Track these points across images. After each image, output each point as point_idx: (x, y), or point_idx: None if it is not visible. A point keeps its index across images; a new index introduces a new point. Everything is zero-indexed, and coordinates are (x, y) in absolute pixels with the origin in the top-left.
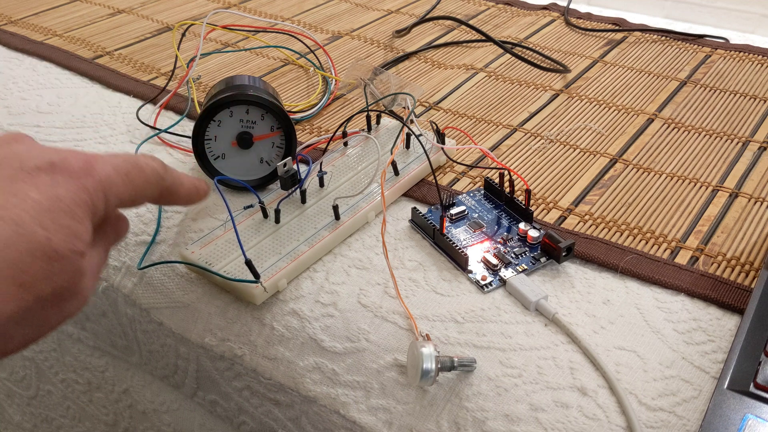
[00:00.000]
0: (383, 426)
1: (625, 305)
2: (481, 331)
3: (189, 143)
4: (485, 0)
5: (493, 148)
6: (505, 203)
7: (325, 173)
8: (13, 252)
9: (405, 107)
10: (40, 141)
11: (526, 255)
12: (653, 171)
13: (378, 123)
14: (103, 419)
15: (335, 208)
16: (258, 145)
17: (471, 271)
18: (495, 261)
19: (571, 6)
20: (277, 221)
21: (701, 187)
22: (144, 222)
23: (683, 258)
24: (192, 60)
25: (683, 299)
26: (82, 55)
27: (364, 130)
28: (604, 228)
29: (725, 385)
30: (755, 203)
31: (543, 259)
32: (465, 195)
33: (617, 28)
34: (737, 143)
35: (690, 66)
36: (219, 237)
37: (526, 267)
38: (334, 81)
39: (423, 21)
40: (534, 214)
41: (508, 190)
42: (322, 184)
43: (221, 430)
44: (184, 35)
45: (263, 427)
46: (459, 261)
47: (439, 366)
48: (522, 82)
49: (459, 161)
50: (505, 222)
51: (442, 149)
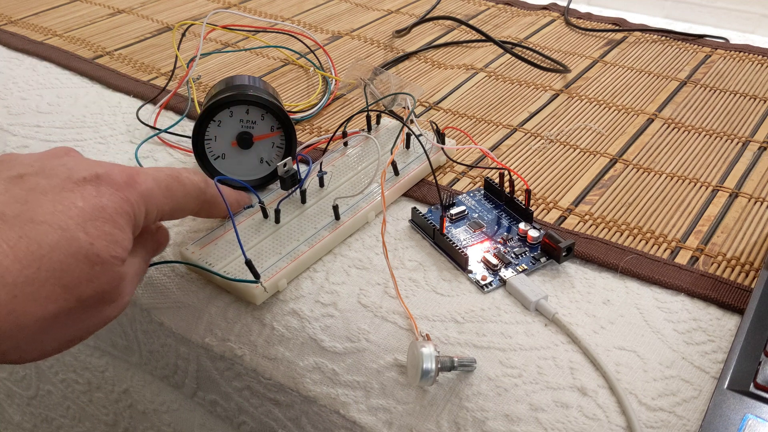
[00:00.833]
0: (383, 426)
1: (625, 305)
2: (481, 331)
3: (189, 143)
4: (485, 0)
5: (493, 148)
6: (505, 203)
7: (325, 173)
8: (59, 255)
9: (405, 107)
10: (40, 141)
11: (526, 255)
12: (653, 171)
13: (378, 123)
14: (103, 419)
15: (335, 208)
16: (258, 145)
17: (471, 271)
18: (495, 261)
19: (571, 6)
20: (277, 221)
21: (701, 187)
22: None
23: (683, 258)
24: (192, 60)
25: (683, 299)
26: (82, 55)
27: (364, 130)
28: (604, 228)
29: (725, 385)
30: (755, 203)
31: (543, 259)
32: (465, 195)
33: (617, 28)
34: (737, 143)
35: (690, 66)
36: (219, 237)
37: (526, 267)
38: (334, 81)
39: (423, 21)
40: (534, 214)
41: (508, 190)
42: (322, 184)
43: (221, 430)
44: (184, 35)
45: (263, 427)
46: (459, 261)
47: (439, 366)
48: (522, 82)
49: (459, 161)
50: (505, 222)
51: (442, 149)
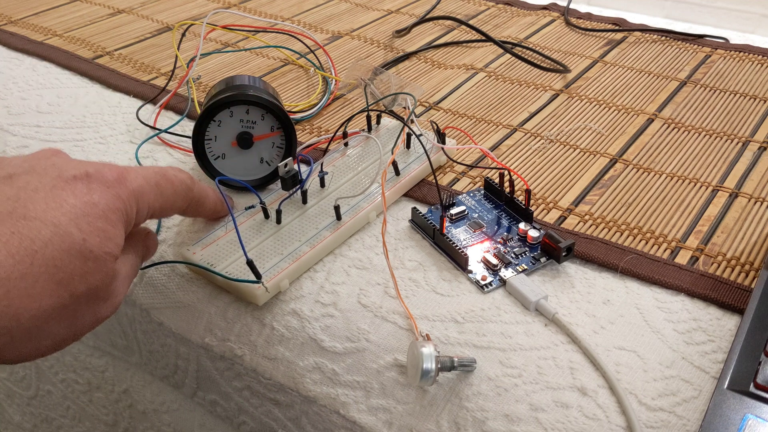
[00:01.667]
0: (383, 426)
1: (625, 305)
2: (481, 331)
3: (189, 143)
4: (485, 0)
5: (493, 148)
6: (505, 203)
7: (326, 173)
8: (52, 251)
9: (405, 107)
10: (40, 141)
11: (526, 255)
12: (653, 171)
13: (378, 123)
14: (103, 419)
15: (337, 208)
16: (258, 145)
17: (471, 271)
18: (495, 261)
19: (571, 6)
20: (279, 222)
21: (701, 187)
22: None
23: (683, 258)
24: (192, 60)
25: (683, 299)
26: (82, 55)
27: (364, 130)
28: (604, 228)
29: (725, 385)
30: (755, 203)
31: (543, 259)
32: (465, 195)
33: (617, 28)
34: (737, 143)
35: (690, 66)
36: (220, 238)
37: (526, 267)
38: (334, 81)
39: (423, 21)
40: (534, 214)
41: (508, 190)
42: (323, 184)
43: (221, 430)
44: (184, 35)
45: (263, 427)
46: (459, 261)
47: (439, 366)
48: (522, 82)
49: (459, 161)
50: (505, 222)
51: (442, 149)
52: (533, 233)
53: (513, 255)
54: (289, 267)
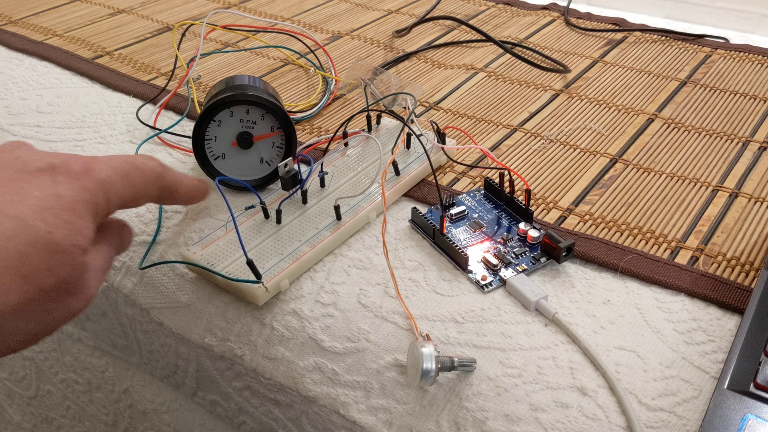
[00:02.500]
0: (383, 426)
1: (625, 305)
2: (481, 331)
3: (189, 143)
4: (485, 0)
5: (493, 148)
6: (505, 203)
7: (326, 173)
8: (16, 244)
9: (405, 107)
10: (40, 141)
11: (526, 255)
12: (653, 171)
13: (378, 123)
14: (103, 419)
15: (337, 208)
16: (258, 145)
17: (471, 271)
18: (495, 261)
19: (571, 6)
20: (279, 222)
21: (701, 187)
22: (144, 222)
23: (683, 258)
24: (192, 60)
25: (683, 299)
26: (82, 55)
27: (364, 130)
28: (604, 228)
29: (725, 385)
30: (755, 203)
31: (543, 259)
32: (465, 195)
33: (617, 28)
34: (737, 143)
35: (690, 66)
36: (220, 238)
37: (526, 267)
38: (334, 81)
39: (423, 21)
40: (534, 214)
41: (508, 190)
42: (323, 184)
43: (221, 430)
44: (184, 35)
45: (263, 427)
46: (459, 261)
47: (439, 366)
48: (522, 82)
49: (459, 161)
50: (505, 222)
51: (442, 149)
52: (533, 233)
53: (513, 255)
54: (289, 267)
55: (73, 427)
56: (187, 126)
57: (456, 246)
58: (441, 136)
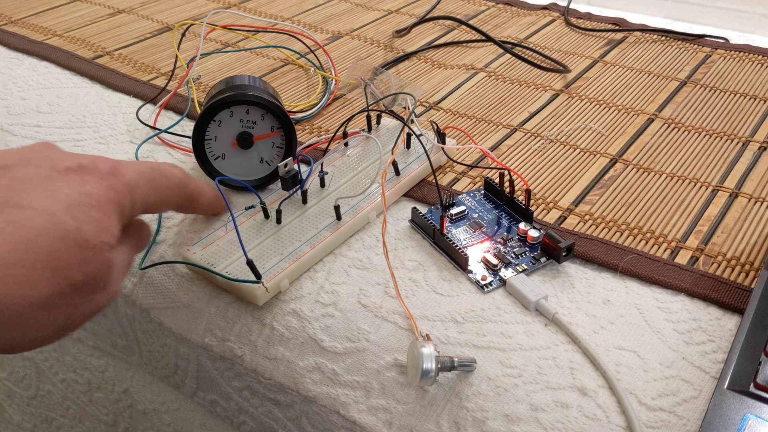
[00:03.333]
0: (383, 426)
1: (625, 305)
2: (481, 331)
3: (189, 143)
4: (485, 0)
5: (493, 148)
6: (505, 203)
7: (326, 173)
8: (47, 239)
9: (405, 107)
10: (39, 141)
11: (526, 255)
12: (653, 171)
13: (378, 123)
14: (103, 419)
15: (337, 208)
16: (258, 145)
17: (471, 271)
18: (495, 261)
19: (571, 6)
20: (279, 222)
21: (701, 187)
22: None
23: (683, 258)
24: (192, 60)
25: (683, 299)
26: (82, 55)
27: (364, 130)
28: (604, 228)
29: (725, 385)
30: (755, 203)
31: (543, 259)
32: (465, 195)
33: (617, 28)
34: (737, 143)
35: (690, 66)
36: (220, 238)
37: (526, 267)
38: (334, 81)
39: (423, 21)
40: (534, 214)
41: (508, 190)
42: (323, 184)
43: (221, 430)
44: (184, 35)
45: (263, 427)
46: (459, 261)
47: (439, 366)
48: (522, 82)
49: (459, 161)
50: (505, 222)
51: (442, 149)
52: (533, 233)
53: (513, 255)
54: (289, 267)
55: (73, 427)
56: (187, 126)
57: (456, 246)
58: (441, 136)
